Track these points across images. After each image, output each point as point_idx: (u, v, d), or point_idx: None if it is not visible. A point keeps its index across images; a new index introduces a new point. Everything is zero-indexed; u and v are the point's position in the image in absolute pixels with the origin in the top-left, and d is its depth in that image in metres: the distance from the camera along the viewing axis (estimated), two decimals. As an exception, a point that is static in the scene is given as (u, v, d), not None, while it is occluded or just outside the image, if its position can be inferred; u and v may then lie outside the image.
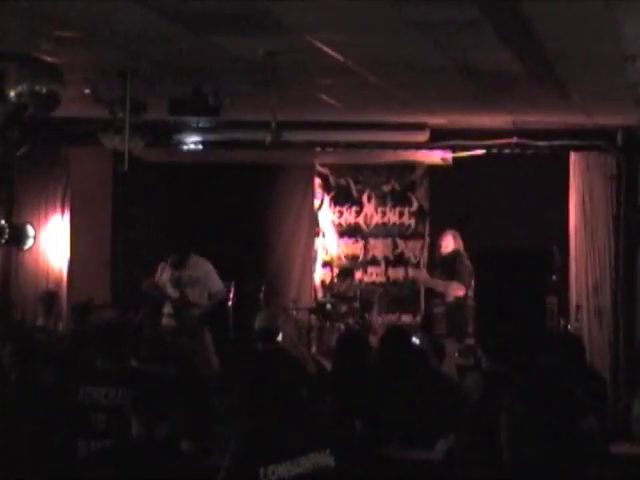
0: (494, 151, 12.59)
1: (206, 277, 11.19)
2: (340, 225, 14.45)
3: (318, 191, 14.48)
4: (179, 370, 7.59)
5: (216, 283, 11.26)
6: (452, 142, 12.69)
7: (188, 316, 10.94)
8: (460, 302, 12.22)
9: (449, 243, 12.42)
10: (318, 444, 4.18)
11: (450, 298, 12.19)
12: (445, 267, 12.36)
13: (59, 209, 13.25)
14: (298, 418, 4.25)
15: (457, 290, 12.08)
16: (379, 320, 12.99)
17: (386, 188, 14.33)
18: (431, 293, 12.64)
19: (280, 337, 8.83)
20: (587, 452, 6.62)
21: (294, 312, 13.04)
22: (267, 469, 4.12)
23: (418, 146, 12.77)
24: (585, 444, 6.62)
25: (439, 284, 12.30)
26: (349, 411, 6.77)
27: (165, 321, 11.14)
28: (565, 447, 6.49)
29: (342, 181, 14.45)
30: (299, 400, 4.33)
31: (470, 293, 12.31)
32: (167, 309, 11.12)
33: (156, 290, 11.16)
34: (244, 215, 14.09)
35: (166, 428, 4.96)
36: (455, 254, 12.31)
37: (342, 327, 12.45)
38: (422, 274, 13.36)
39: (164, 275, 11.17)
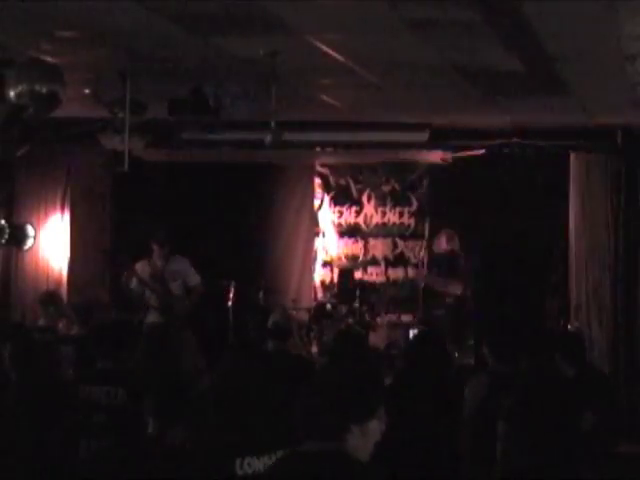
0: (494, 151, 12.59)
1: (185, 271, 11.25)
2: (340, 225, 14.44)
3: (318, 191, 14.47)
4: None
5: (195, 277, 11.32)
6: (452, 142, 12.70)
7: (174, 312, 10.98)
8: (460, 303, 12.23)
9: (442, 242, 12.46)
10: (296, 439, 4.20)
11: (449, 298, 12.20)
12: (442, 266, 12.39)
13: (59, 209, 13.25)
14: (282, 414, 4.27)
15: (455, 289, 12.09)
16: (380, 320, 13.01)
17: (386, 188, 14.32)
18: (431, 295, 12.64)
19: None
20: (587, 451, 6.63)
21: (294, 312, 13.03)
22: (244, 461, 4.14)
23: (418, 146, 12.78)
24: (584, 442, 6.62)
25: (438, 282, 12.32)
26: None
27: (151, 317, 11.15)
28: (564, 446, 6.50)
29: (342, 181, 14.44)
30: (289, 397, 4.35)
31: (469, 293, 12.34)
32: (153, 303, 11.14)
33: (139, 283, 11.16)
34: (244, 215, 14.08)
35: (181, 431, 4.96)
36: (451, 253, 12.33)
37: (342, 327, 12.44)
38: (421, 272, 13.35)
39: (145, 270, 11.19)
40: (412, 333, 12.15)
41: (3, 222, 11.90)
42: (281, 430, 4.19)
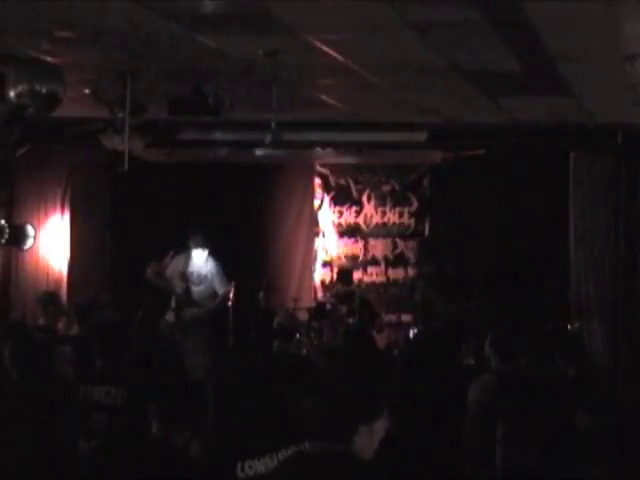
0: (494, 151, 12.58)
1: (214, 276, 11.21)
2: (340, 225, 14.45)
3: (318, 191, 14.48)
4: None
5: (222, 285, 11.27)
6: (452, 142, 12.69)
7: (188, 314, 10.95)
8: (456, 318, 12.27)
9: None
10: (298, 438, 4.20)
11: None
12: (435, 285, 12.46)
13: (59, 209, 13.25)
14: (280, 414, 4.27)
15: (450, 308, 12.16)
16: (380, 320, 13.00)
17: (386, 188, 14.34)
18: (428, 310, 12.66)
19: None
20: (584, 451, 6.64)
21: (294, 312, 13.03)
22: (244, 464, 4.14)
23: (418, 146, 12.77)
24: (580, 441, 6.64)
25: (438, 301, 12.33)
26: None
27: (168, 316, 11.15)
28: (563, 447, 6.50)
29: (342, 181, 14.46)
30: (285, 398, 4.35)
31: (464, 311, 12.39)
32: (172, 303, 11.14)
33: (160, 278, 11.14)
34: (244, 215, 14.08)
35: (185, 433, 4.95)
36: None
37: (342, 327, 12.43)
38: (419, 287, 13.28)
39: (173, 267, 11.16)
40: (412, 333, 12.16)
41: (3, 222, 11.89)
42: (281, 430, 4.19)
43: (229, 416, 4.27)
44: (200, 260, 11.25)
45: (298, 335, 9.76)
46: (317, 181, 14.49)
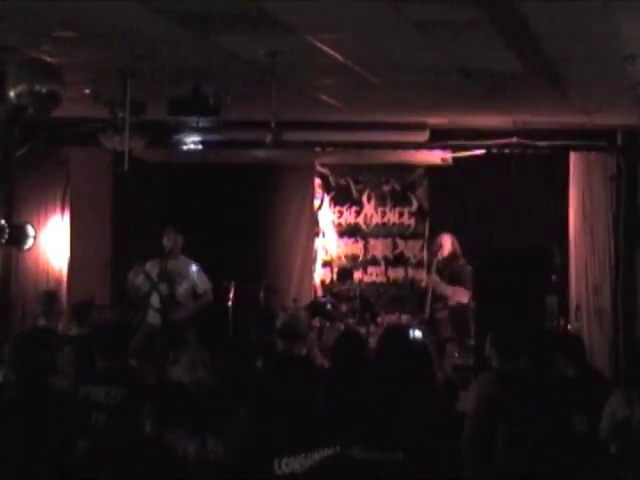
0: (494, 151, 12.57)
1: (194, 274, 11.15)
2: (340, 225, 14.45)
3: (318, 191, 14.49)
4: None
5: (204, 282, 11.20)
6: (452, 142, 12.68)
7: (174, 316, 10.88)
8: (464, 307, 12.21)
9: (447, 245, 12.32)
10: (327, 441, 4.21)
11: (453, 303, 12.16)
12: (445, 270, 12.28)
13: (59, 209, 13.24)
14: (312, 415, 4.29)
15: (463, 297, 12.02)
16: (380, 320, 12.99)
17: (386, 188, 14.34)
18: (433, 297, 12.59)
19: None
20: (583, 452, 6.64)
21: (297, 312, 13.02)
22: (281, 461, 4.16)
23: (418, 146, 12.76)
24: (579, 443, 6.64)
25: (448, 289, 12.16)
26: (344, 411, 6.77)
27: (151, 317, 11.08)
28: (563, 447, 6.51)
29: (342, 181, 14.46)
30: (313, 400, 4.37)
31: (474, 302, 12.32)
32: (155, 303, 11.07)
33: (138, 279, 11.09)
34: (244, 215, 14.08)
35: (177, 433, 4.96)
36: (454, 258, 12.24)
37: (342, 327, 12.43)
38: (432, 278, 13.01)
39: (154, 270, 11.14)
40: (412, 333, 12.13)
41: (3, 222, 11.88)
42: (315, 430, 4.20)
43: (264, 413, 4.27)
44: (178, 259, 11.21)
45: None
46: (317, 181, 14.49)
